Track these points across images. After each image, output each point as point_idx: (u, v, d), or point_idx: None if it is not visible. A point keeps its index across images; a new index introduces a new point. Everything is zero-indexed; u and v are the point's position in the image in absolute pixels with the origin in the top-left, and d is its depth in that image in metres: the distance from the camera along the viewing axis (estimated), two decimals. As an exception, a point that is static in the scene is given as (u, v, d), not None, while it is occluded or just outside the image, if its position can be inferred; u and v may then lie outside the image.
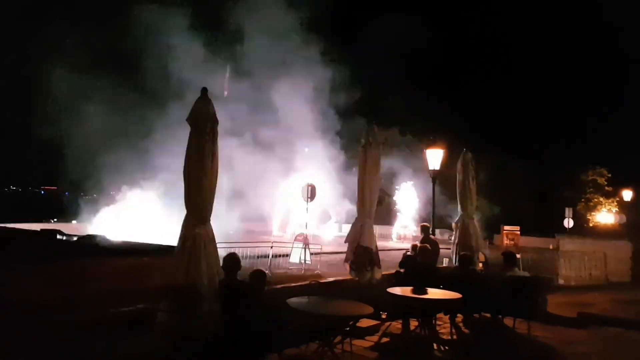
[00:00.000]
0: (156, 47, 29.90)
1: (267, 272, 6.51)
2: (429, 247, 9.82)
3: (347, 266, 9.69)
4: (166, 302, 5.76)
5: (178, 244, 5.98)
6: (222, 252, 6.25)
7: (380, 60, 38.53)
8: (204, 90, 6.04)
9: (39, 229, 16.87)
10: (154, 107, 29.39)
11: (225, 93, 33.47)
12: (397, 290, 8.00)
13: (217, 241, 6.13)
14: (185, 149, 6.02)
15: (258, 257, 14.06)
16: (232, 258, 6.06)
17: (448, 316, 8.76)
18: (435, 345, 7.94)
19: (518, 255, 10.81)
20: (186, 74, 28.29)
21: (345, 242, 9.88)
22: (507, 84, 47.46)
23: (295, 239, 13.89)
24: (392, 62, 39.35)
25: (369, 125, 10.18)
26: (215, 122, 6.01)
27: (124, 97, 31.13)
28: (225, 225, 27.53)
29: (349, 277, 9.72)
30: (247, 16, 30.71)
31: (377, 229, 29.36)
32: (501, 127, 44.17)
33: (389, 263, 10.96)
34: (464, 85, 48.17)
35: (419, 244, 10.35)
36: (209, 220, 6.06)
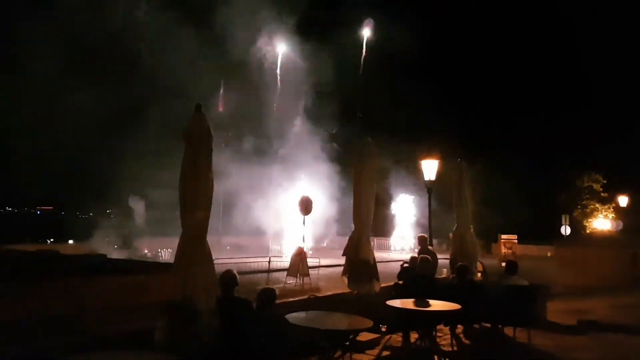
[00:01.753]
0: (153, 63, 30.15)
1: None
2: (429, 258, 9.82)
3: (345, 279, 9.65)
4: (163, 320, 5.72)
5: (175, 260, 5.95)
6: (219, 268, 6.22)
7: (371, 65, 38.92)
8: (198, 106, 6.04)
9: (35, 250, 16.77)
10: (148, 123, 29.50)
11: (220, 108, 33.69)
12: (396, 303, 7.97)
13: (214, 257, 6.10)
14: (180, 164, 6.01)
15: (256, 272, 14.04)
16: (229, 274, 6.04)
17: (448, 327, 8.73)
18: (436, 357, 7.92)
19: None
20: (181, 87, 28.52)
21: (342, 255, 9.84)
22: (500, 90, 47.78)
23: (293, 253, 13.85)
24: (382, 66, 39.67)
25: (364, 137, 10.19)
26: (209, 137, 6.01)
27: (116, 114, 31.20)
28: (222, 240, 27.55)
29: (347, 290, 9.67)
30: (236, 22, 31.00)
31: (375, 241, 29.29)
32: (496, 134, 44.41)
33: (388, 275, 10.93)
34: (458, 92, 48.36)
35: (417, 256, 10.35)
36: (205, 236, 6.04)
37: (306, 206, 18.19)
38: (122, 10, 29.25)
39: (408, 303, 8.00)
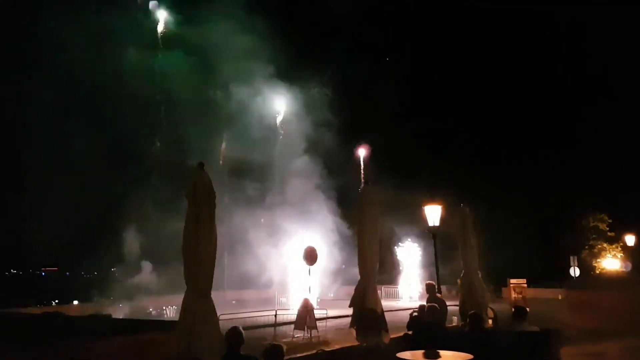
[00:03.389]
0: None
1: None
2: (437, 307, 9.67)
3: (354, 331, 9.49)
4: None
5: (179, 319, 5.90)
6: (224, 324, 6.15)
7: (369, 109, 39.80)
8: (201, 165, 6.13)
9: (40, 313, 16.64)
10: (151, 183, 29.86)
11: (221, 162, 34.16)
12: (407, 355, 7.79)
13: (218, 312, 6.05)
14: (184, 222, 6.04)
15: (262, 326, 13.83)
16: (234, 333, 5.94)
17: (461, 378, 8.51)
18: (449, 409, 7.67)
19: (527, 309, 10.62)
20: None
21: (349, 306, 9.71)
22: (503, 134, 48.07)
23: (300, 305, 13.69)
24: (382, 111, 40.45)
25: (366, 186, 10.25)
26: (212, 195, 6.06)
27: (121, 173, 31.59)
28: (227, 295, 27.26)
29: (356, 342, 9.50)
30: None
31: (382, 289, 28.84)
32: (498, 178, 44.45)
33: (397, 324, 10.73)
34: (460, 135, 48.55)
35: (426, 304, 10.21)
36: (210, 292, 6.00)
37: (311, 256, 18.11)
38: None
39: (418, 355, 7.83)
